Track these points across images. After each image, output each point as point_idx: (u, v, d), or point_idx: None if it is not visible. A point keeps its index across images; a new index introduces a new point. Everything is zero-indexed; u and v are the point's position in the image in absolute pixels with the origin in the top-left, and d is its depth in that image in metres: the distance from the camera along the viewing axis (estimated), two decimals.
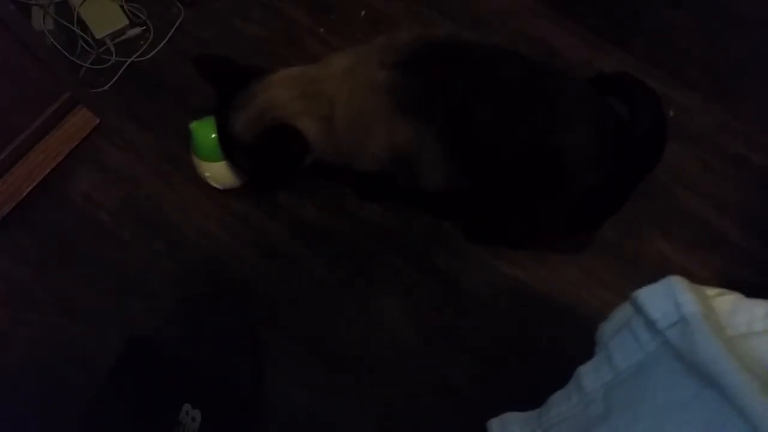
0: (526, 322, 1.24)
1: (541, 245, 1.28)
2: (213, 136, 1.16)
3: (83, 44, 1.44)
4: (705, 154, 1.36)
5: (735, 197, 1.33)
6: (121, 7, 1.47)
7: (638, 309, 0.59)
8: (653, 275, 0.78)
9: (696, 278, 1.22)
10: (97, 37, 1.44)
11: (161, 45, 1.47)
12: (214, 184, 1.29)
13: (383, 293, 1.26)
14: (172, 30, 1.48)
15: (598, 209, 1.11)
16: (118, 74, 1.43)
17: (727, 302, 0.58)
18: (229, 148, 1.14)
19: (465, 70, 1.01)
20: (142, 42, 1.48)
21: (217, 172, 1.26)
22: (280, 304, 1.26)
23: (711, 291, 0.59)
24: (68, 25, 1.42)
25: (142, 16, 1.49)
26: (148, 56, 1.46)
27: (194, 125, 1.20)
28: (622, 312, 0.66)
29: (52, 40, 1.41)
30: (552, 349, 1.20)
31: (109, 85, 1.42)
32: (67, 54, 1.41)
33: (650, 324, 0.58)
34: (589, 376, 0.65)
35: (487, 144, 1.00)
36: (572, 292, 1.26)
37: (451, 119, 1.00)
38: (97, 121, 1.37)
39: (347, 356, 1.21)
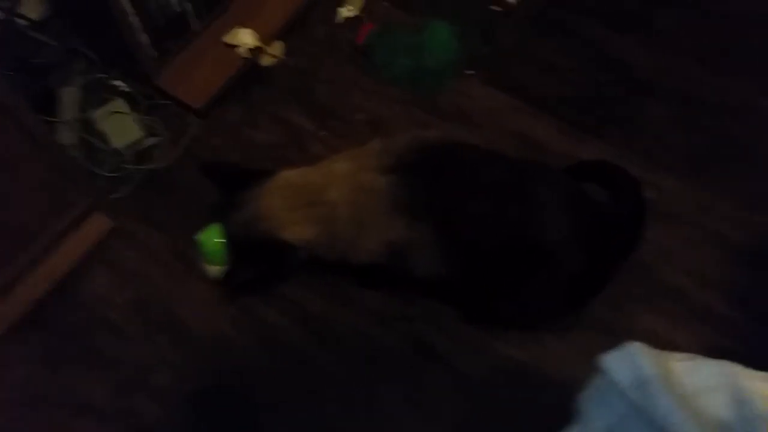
0: (522, 401, 1.26)
1: (533, 325, 1.32)
2: (220, 241, 1.24)
3: (103, 155, 1.56)
4: (685, 232, 1.44)
5: (716, 272, 1.39)
6: (139, 120, 1.61)
7: (604, 374, 0.64)
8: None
9: (682, 350, 1.27)
10: (116, 147, 1.57)
11: (176, 153, 1.59)
12: None
13: (387, 380, 1.30)
14: (186, 139, 1.61)
15: (582, 291, 1.18)
16: (135, 181, 1.55)
17: (683, 363, 0.63)
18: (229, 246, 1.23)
19: (453, 171, 1.13)
20: (157, 151, 1.60)
21: None
22: (284, 396, 1.30)
23: (669, 354, 0.64)
24: (90, 138, 1.56)
25: (158, 127, 1.62)
26: (163, 164, 1.58)
27: (201, 236, 1.28)
28: (596, 379, 0.71)
29: (75, 153, 1.53)
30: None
31: (126, 191, 1.53)
32: (88, 164, 1.53)
33: (615, 387, 0.63)
34: None
35: (474, 238, 1.10)
36: (566, 369, 1.29)
37: (442, 217, 1.10)
38: (113, 225, 1.47)
39: None
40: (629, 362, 0.61)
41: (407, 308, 1.37)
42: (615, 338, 1.27)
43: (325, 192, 1.15)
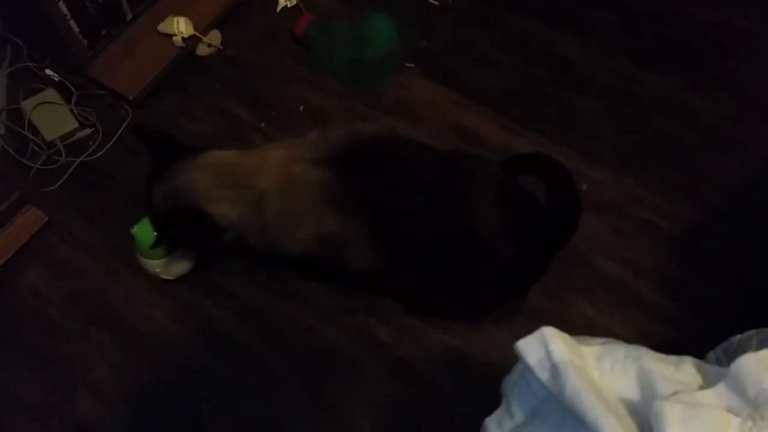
0: (461, 388, 1.30)
1: (472, 315, 1.35)
2: (155, 234, 1.23)
3: (34, 146, 1.52)
4: (618, 222, 1.49)
5: (649, 261, 1.44)
6: (71, 110, 1.56)
7: (520, 358, 0.67)
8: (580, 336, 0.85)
9: (617, 337, 1.31)
10: (48, 139, 1.52)
11: (109, 145, 1.55)
12: (167, 277, 1.35)
13: (328, 371, 1.31)
14: (120, 130, 1.58)
15: (517, 279, 1.21)
16: (68, 173, 1.51)
17: (594, 348, 0.66)
18: (151, 217, 1.23)
19: (387, 165, 1.14)
20: (91, 142, 1.57)
21: (168, 266, 1.33)
22: (226, 390, 1.29)
23: (582, 338, 0.67)
24: (20, 129, 1.51)
25: (91, 118, 1.58)
26: (96, 155, 1.55)
27: (135, 230, 1.27)
28: (520, 364, 0.74)
29: (3, 144, 1.48)
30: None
31: (58, 184, 1.50)
32: (18, 156, 1.49)
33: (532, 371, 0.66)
34: (493, 426, 0.72)
35: (407, 231, 1.11)
36: (506, 356, 1.32)
37: (375, 211, 1.10)
38: (46, 218, 1.43)
39: None
40: (541, 346, 0.64)
41: (349, 300, 1.38)
42: (554, 326, 1.34)
43: (255, 177, 1.15)
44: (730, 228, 1.47)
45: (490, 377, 1.30)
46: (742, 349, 0.86)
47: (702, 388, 0.61)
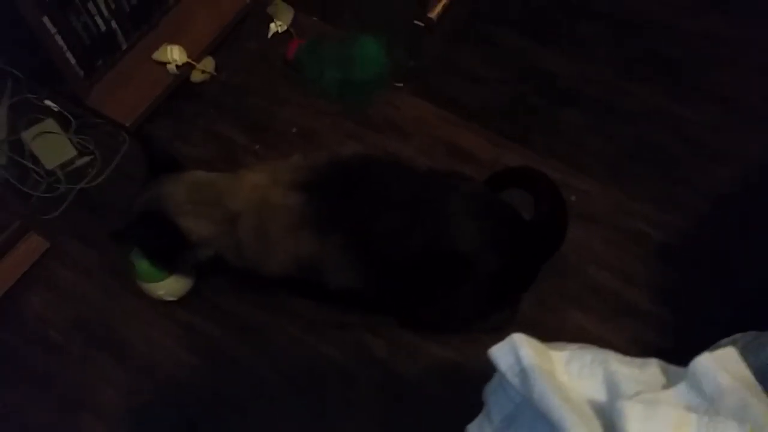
0: (453, 399, 1.31)
1: (459, 327, 1.37)
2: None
3: (35, 175, 1.56)
4: (607, 232, 1.51)
5: (639, 269, 1.46)
6: (70, 139, 1.61)
7: (493, 364, 0.69)
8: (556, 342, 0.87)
9: (611, 345, 1.33)
10: (48, 168, 1.56)
11: (108, 171, 1.59)
12: (169, 298, 1.39)
13: (325, 388, 1.34)
14: (118, 157, 1.62)
15: (501, 291, 1.23)
16: (68, 201, 1.55)
17: (564, 353, 0.69)
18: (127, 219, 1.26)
19: (364, 186, 1.16)
20: (90, 169, 1.60)
21: (169, 287, 1.37)
22: (226, 407, 1.32)
23: (555, 345, 0.70)
24: (20, 159, 1.55)
25: (89, 146, 1.62)
26: (95, 182, 1.58)
27: (134, 256, 1.31)
28: (497, 371, 0.77)
29: (5, 173, 1.52)
30: None
31: (59, 211, 1.53)
32: (19, 185, 1.53)
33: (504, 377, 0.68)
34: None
35: (385, 249, 1.14)
36: None
37: (352, 232, 1.13)
38: (48, 245, 1.46)
39: None
40: (511, 352, 0.66)
41: (344, 315, 1.40)
42: (547, 337, 1.36)
43: (228, 198, 1.18)
44: (718, 235, 1.50)
45: (482, 387, 1.33)
46: None
47: (665, 388, 0.64)
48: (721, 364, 0.60)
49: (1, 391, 1.33)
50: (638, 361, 0.68)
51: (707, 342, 1.07)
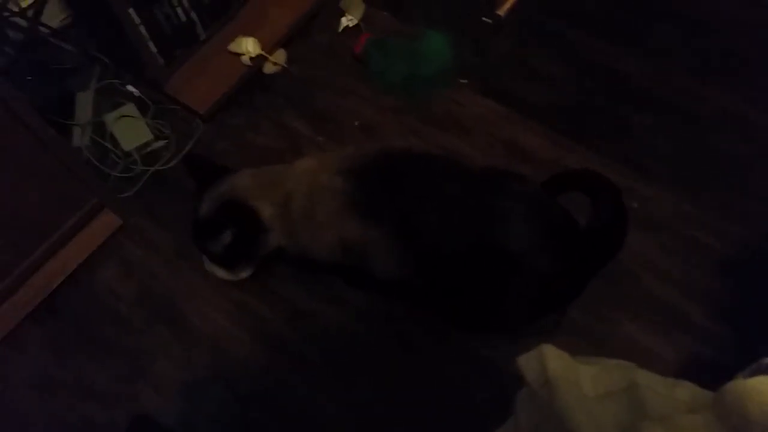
0: (491, 401, 1.32)
1: (504, 329, 1.37)
2: None
3: (113, 156, 1.66)
4: (669, 241, 1.47)
5: (698, 281, 1.41)
6: (147, 123, 1.70)
7: (521, 373, 0.70)
8: (621, 356, 0.85)
9: (660, 359, 1.31)
10: (126, 150, 1.67)
11: (181, 155, 1.68)
12: (232, 278, 1.45)
13: (365, 373, 1.37)
14: (192, 142, 1.70)
15: (550, 296, 1.21)
16: (142, 181, 1.64)
17: (593, 367, 0.69)
18: (197, 236, 1.33)
19: (413, 179, 1.18)
20: (165, 153, 1.70)
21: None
22: (272, 389, 1.37)
23: (580, 358, 0.70)
24: (101, 141, 1.66)
25: (165, 131, 1.72)
26: (169, 165, 1.68)
27: None
28: None
29: (87, 154, 1.64)
30: None
31: (133, 191, 1.63)
32: (99, 165, 1.64)
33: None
34: None
35: (432, 243, 1.15)
36: None
37: (397, 221, 1.15)
38: (121, 222, 1.57)
39: None
40: (538, 363, 0.67)
41: (391, 307, 1.43)
42: (596, 345, 1.34)
43: (284, 181, 1.26)
44: None
45: None
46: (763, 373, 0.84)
47: (692, 412, 0.63)
48: (751, 394, 0.59)
49: (66, 357, 1.44)
50: (670, 381, 0.67)
51: None
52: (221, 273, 1.44)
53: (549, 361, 0.66)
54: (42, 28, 1.65)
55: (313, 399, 1.35)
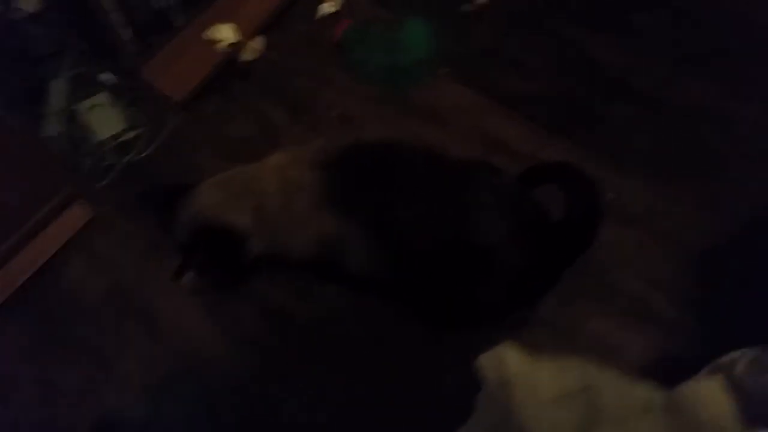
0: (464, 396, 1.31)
1: (479, 324, 1.36)
2: None
3: (86, 146, 1.63)
4: (642, 234, 1.46)
5: (668, 275, 1.41)
6: (122, 112, 1.67)
7: (481, 372, 0.69)
8: (590, 350, 0.83)
9: (630, 352, 1.31)
10: (99, 139, 1.64)
11: (155, 145, 1.66)
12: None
13: (337, 372, 1.36)
14: (166, 131, 1.68)
15: (524, 289, 1.21)
16: (115, 171, 1.62)
17: (551, 368, 0.68)
18: (181, 253, 1.30)
19: (387, 171, 1.16)
20: (139, 142, 1.67)
21: None
22: (242, 386, 1.36)
23: (540, 357, 0.69)
24: (74, 129, 1.63)
25: (139, 120, 1.69)
26: (143, 155, 1.65)
27: None
28: None
29: (59, 143, 1.61)
30: None
31: (106, 181, 1.61)
32: (71, 155, 1.61)
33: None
34: None
35: (406, 236, 1.14)
36: None
37: (373, 214, 1.13)
38: (92, 214, 1.54)
39: None
40: (498, 363, 0.66)
41: (364, 303, 1.41)
42: (565, 339, 1.34)
43: (255, 183, 1.22)
44: (758, 243, 1.42)
45: None
46: (728, 369, 0.85)
47: (648, 412, 0.62)
48: (704, 397, 0.58)
49: (31, 353, 1.42)
50: (628, 381, 0.66)
51: None
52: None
53: (508, 361, 0.65)
54: (15, 14, 1.61)
55: (285, 399, 1.34)
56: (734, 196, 1.48)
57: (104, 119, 1.66)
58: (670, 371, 1.26)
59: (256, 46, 1.78)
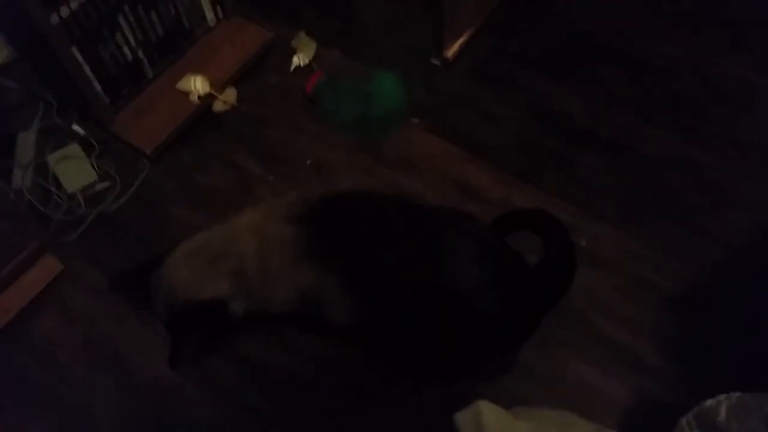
0: None
1: (459, 373, 1.35)
2: None
3: (56, 198, 1.61)
4: (617, 279, 1.48)
5: (646, 319, 1.42)
6: (92, 164, 1.66)
7: (457, 429, 0.69)
8: (572, 397, 0.82)
9: (612, 398, 1.31)
10: (69, 191, 1.62)
11: (126, 197, 1.64)
12: None
13: (322, 422, 1.34)
14: (137, 183, 1.66)
15: (502, 336, 1.21)
16: (86, 224, 1.59)
17: (528, 424, 0.68)
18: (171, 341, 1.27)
19: (361, 221, 1.17)
20: (109, 194, 1.65)
21: None
22: None
23: (517, 411, 0.69)
24: (43, 182, 1.61)
25: (110, 171, 1.67)
26: (114, 206, 1.63)
27: None
28: None
29: (28, 196, 1.58)
30: None
31: (76, 234, 1.58)
32: (40, 207, 1.58)
33: None
34: None
35: (382, 285, 1.14)
36: None
37: (348, 265, 1.14)
38: (62, 267, 1.51)
39: None
40: (474, 419, 0.66)
41: (344, 354, 1.40)
42: (546, 386, 1.34)
43: (232, 244, 1.20)
44: (731, 287, 1.45)
45: None
46: (711, 415, 0.85)
47: None
48: None
49: (3, 409, 1.37)
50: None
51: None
52: None
53: (484, 418, 0.65)
54: None
55: None
56: (703, 241, 1.51)
57: (74, 171, 1.64)
58: (651, 415, 1.30)
59: (227, 98, 1.80)
